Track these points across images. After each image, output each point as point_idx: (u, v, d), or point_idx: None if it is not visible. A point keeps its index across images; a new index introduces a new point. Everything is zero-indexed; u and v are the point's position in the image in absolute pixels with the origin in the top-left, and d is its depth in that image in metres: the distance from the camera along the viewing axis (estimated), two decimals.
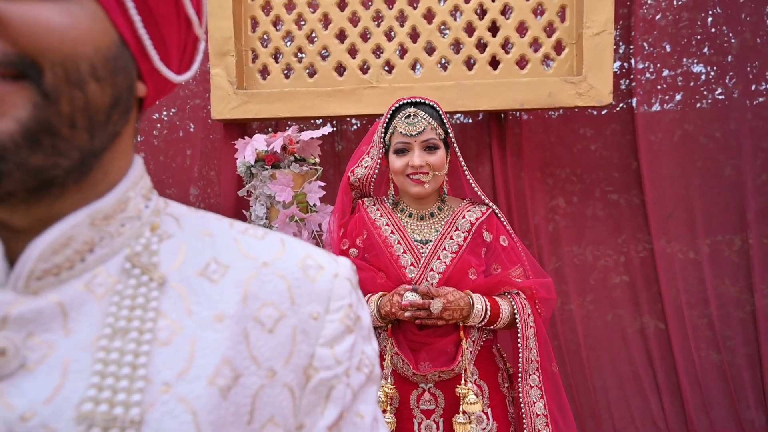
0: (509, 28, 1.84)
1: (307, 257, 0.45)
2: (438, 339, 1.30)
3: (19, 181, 0.32)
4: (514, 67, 1.84)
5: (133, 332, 0.36)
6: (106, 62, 0.34)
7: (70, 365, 0.34)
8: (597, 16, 1.71)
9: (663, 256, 2.01)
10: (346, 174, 1.48)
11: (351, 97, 1.84)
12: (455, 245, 1.34)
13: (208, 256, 0.42)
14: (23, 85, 0.31)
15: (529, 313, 1.35)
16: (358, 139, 2.13)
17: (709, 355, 2.03)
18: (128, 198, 0.40)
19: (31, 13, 0.31)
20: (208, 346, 0.38)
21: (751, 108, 2.06)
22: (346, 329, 0.44)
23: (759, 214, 2.01)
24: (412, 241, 1.37)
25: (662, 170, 2.05)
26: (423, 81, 1.86)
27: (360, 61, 1.90)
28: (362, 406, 0.44)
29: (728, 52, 2.06)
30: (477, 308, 1.28)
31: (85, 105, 0.34)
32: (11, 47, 0.31)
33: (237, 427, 0.37)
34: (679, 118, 2.08)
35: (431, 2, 1.86)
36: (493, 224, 1.40)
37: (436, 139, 1.33)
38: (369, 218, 1.41)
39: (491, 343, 1.40)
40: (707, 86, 2.10)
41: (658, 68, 2.10)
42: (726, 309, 2.01)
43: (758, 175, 2.04)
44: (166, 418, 0.35)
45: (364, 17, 1.89)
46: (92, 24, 0.33)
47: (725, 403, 1.98)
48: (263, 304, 0.41)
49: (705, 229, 2.04)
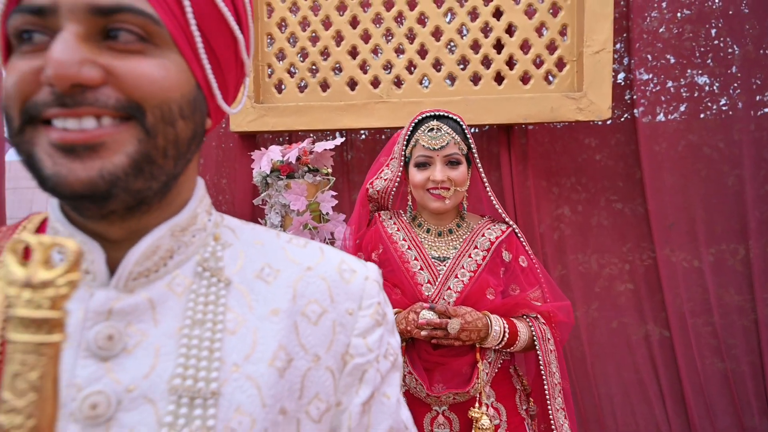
0: (513, 45, 1.92)
1: (342, 263, 0.54)
2: (453, 359, 1.26)
3: (122, 201, 0.41)
4: (517, 82, 1.92)
5: (208, 323, 0.45)
6: (189, 104, 0.44)
7: (160, 349, 0.43)
8: (597, 35, 1.78)
9: (666, 265, 2.05)
10: (365, 186, 1.45)
11: (363, 111, 1.93)
12: (474, 264, 1.30)
13: (262, 261, 0.51)
14: (131, 124, 0.40)
15: (548, 338, 1.31)
16: (366, 149, 2.22)
17: (713, 363, 2.05)
18: (197, 213, 0.49)
19: (137, 68, 0.40)
20: (266, 335, 0.47)
21: (755, 119, 2.09)
22: (376, 323, 0.53)
23: (761, 224, 2.04)
24: (430, 257, 1.33)
25: (665, 180, 2.09)
26: (431, 96, 1.94)
27: (371, 77, 1.99)
28: (388, 389, 0.53)
29: (731, 64, 2.10)
30: (495, 330, 1.24)
31: (175, 139, 0.43)
32: (123, 95, 0.40)
33: (291, 401, 0.46)
34: (683, 128, 2.12)
35: (439, 20, 1.95)
36: (513, 244, 1.36)
37: (459, 154, 1.30)
38: (385, 232, 1.38)
39: (509, 363, 1.36)
40: (711, 97, 2.14)
41: (662, 79, 2.15)
42: (729, 317, 2.04)
43: (761, 185, 2.07)
44: (237, 391, 0.44)
45: (375, 34, 1.99)
46: (179, 74, 0.43)
47: (729, 410, 2.01)
48: (309, 301, 0.50)
49: (708, 238, 2.07)
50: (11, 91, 0.40)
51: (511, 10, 1.91)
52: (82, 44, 0.38)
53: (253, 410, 0.43)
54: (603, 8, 1.80)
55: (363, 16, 1.98)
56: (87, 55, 0.38)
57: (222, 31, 0.46)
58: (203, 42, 0.44)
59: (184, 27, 0.42)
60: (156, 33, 0.41)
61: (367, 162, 2.17)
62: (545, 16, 1.90)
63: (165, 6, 0.41)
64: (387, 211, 1.47)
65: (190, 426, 0.41)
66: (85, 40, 0.39)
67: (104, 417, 0.40)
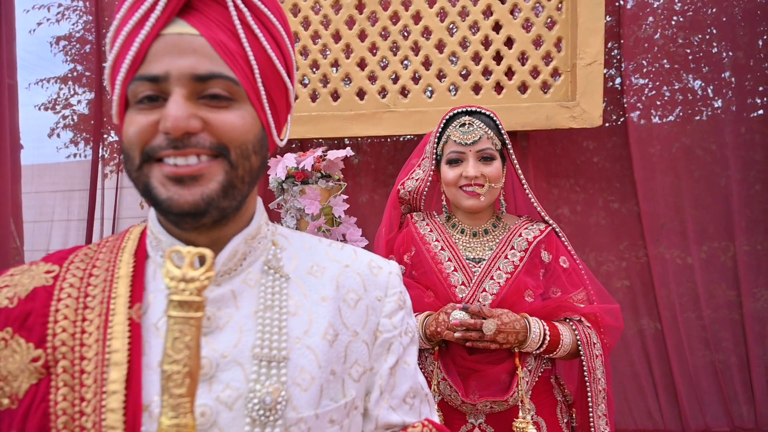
0: (512, 57, 2.04)
1: (371, 261, 0.71)
2: (490, 366, 1.18)
3: (212, 217, 0.56)
4: (516, 92, 2.04)
5: (276, 308, 0.60)
6: (258, 142, 0.59)
7: (243, 326, 0.59)
8: (589, 49, 1.90)
9: (659, 262, 2.16)
10: (396, 187, 1.41)
11: (371, 120, 2.07)
12: (510, 265, 1.24)
13: (311, 261, 0.67)
14: (220, 160, 0.56)
15: (594, 341, 1.22)
16: (374, 153, 2.34)
17: (704, 355, 2.15)
18: (261, 224, 0.65)
19: (225, 119, 0.56)
20: (319, 316, 0.62)
21: (745, 122, 2.18)
22: (399, 307, 0.69)
23: (750, 223, 2.13)
24: (464, 258, 1.27)
25: (660, 181, 2.18)
26: (435, 105, 2.07)
27: (379, 87, 2.12)
28: (408, 358, 0.70)
29: (724, 69, 2.19)
30: (534, 332, 1.16)
31: (250, 169, 0.58)
32: (215, 139, 0.55)
33: (338, 365, 0.62)
34: (677, 131, 2.21)
35: (442, 34, 2.08)
36: (553, 243, 1.29)
37: (493, 150, 1.24)
38: (418, 233, 1.33)
39: (549, 373, 1.27)
40: (704, 101, 2.23)
41: (656, 84, 2.25)
42: (718, 312, 2.15)
43: (751, 185, 2.16)
44: (300, 357, 0.59)
45: (382, 47, 2.12)
46: (252, 121, 0.58)
47: (717, 399, 2.12)
48: (348, 290, 0.66)
49: (699, 236, 2.17)
50: (133, 137, 0.55)
51: (510, 24, 2.03)
52: (188, 103, 0.54)
53: (312, 370, 0.59)
54: (595, 23, 1.92)
55: (371, 30, 2.11)
56: (191, 111, 0.54)
57: (278, 84, 0.61)
58: (266, 95, 0.59)
59: (253, 85, 0.57)
60: (236, 91, 0.56)
61: (374, 166, 2.31)
62: (541, 29, 2.02)
63: (241, 71, 0.56)
64: (420, 212, 1.42)
65: (269, 381, 0.56)
66: (188, 99, 0.54)
67: (208, 375, 0.56)
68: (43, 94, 2.46)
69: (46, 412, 0.52)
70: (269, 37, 0.59)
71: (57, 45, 2.41)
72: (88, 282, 0.58)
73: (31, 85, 2.44)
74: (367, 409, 0.66)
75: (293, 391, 0.57)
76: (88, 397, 0.52)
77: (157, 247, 0.62)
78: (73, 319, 0.55)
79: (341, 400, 0.61)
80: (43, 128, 2.46)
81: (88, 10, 2.41)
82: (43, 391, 0.53)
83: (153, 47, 0.54)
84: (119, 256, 0.61)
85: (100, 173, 2.41)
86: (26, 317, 0.56)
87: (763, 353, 2.10)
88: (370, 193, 2.30)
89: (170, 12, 0.53)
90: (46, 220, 2.61)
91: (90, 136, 2.45)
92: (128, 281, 0.58)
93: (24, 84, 2.44)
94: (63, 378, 0.53)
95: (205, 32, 0.54)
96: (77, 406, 0.52)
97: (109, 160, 2.48)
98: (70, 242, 2.49)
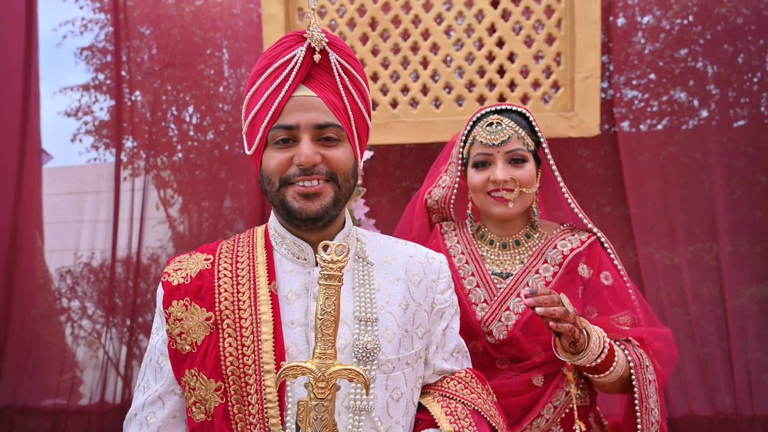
0: (514, 71, 2.21)
1: (428, 253, 0.96)
2: (505, 398, 1.06)
3: (324, 222, 0.82)
4: (518, 103, 2.19)
5: (366, 285, 0.83)
6: (353, 169, 0.84)
7: (345, 296, 0.78)
8: (586, 63, 2.07)
9: (648, 262, 2.33)
10: (422, 197, 1.30)
11: (383, 129, 2.21)
12: (541, 281, 1.10)
13: (386, 253, 0.90)
14: (331, 183, 0.88)
15: (647, 364, 1.05)
16: (382, 156, 2.48)
17: (691, 348, 2.31)
18: (350, 226, 0.89)
19: (335, 155, 0.82)
20: (395, 292, 0.85)
21: (727, 132, 2.35)
22: (448, 286, 0.94)
23: (732, 225, 2.30)
24: (489, 273, 1.14)
25: (648, 186, 2.34)
26: (443, 116, 2.22)
27: (390, 99, 2.27)
28: (454, 324, 0.98)
29: (708, 82, 2.37)
30: (594, 340, 0.97)
31: (349, 188, 0.85)
32: (329, 169, 0.81)
33: (409, 326, 0.85)
34: (664, 140, 2.38)
35: (449, 50, 2.23)
36: (595, 257, 1.14)
37: (524, 150, 1.12)
38: (444, 245, 1.22)
39: (587, 410, 1.11)
40: (689, 113, 2.41)
41: (645, 96, 2.42)
42: (703, 308, 2.31)
43: (733, 191, 2.34)
44: (385, 319, 0.82)
45: (394, 62, 2.27)
46: (350, 154, 0.85)
47: (701, 390, 2.27)
48: (413, 274, 0.88)
49: (685, 238, 2.33)
50: (273, 168, 0.82)
51: (512, 40, 2.19)
52: (313, 143, 0.80)
53: (393, 328, 0.83)
54: (591, 39, 2.08)
55: (383, 45, 2.26)
56: (315, 150, 0.80)
57: (364, 126, 0.91)
58: (358, 135, 0.89)
59: (350, 129, 0.86)
60: (341, 134, 0.86)
61: (381, 169, 2.46)
62: (542, 45, 2.18)
63: (345, 120, 0.86)
64: (450, 222, 1.29)
65: (366, 335, 0.78)
66: (312, 140, 0.81)
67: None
68: (65, 102, 2.57)
69: (217, 354, 0.76)
70: (359, 93, 0.85)
71: (80, 55, 2.52)
72: (236, 266, 0.83)
73: (55, 93, 2.55)
74: (427, 359, 0.92)
75: (382, 342, 0.82)
76: (247, 344, 0.76)
77: (281, 242, 0.87)
78: (231, 292, 0.80)
79: (411, 351, 0.88)
80: (66, 134, 2.56)
81: (110, 22, 2.52)
82: (215, 341, 0.77)
83: (287, 105, 0.81)
84: (255, 250, 0.85)
85: (120, 176, 2.51)
86: (198, 290, 0.80)
87: (744, 346, 2.27)
88: (377, 196, 2.45)
89: (298, 81, 0.82)
90: (63, 221, 2.70)
91: (111, 141, 2.55)
92: (265, 266, 0.83)
93: (49, 93, 2.55)
94: (228, 332, 0.78)
95: (321, 95, 0.81)
96: (240, 350, 0.76)
97: (128, 164, 2.58)
98: (98, 241, 2.55)
